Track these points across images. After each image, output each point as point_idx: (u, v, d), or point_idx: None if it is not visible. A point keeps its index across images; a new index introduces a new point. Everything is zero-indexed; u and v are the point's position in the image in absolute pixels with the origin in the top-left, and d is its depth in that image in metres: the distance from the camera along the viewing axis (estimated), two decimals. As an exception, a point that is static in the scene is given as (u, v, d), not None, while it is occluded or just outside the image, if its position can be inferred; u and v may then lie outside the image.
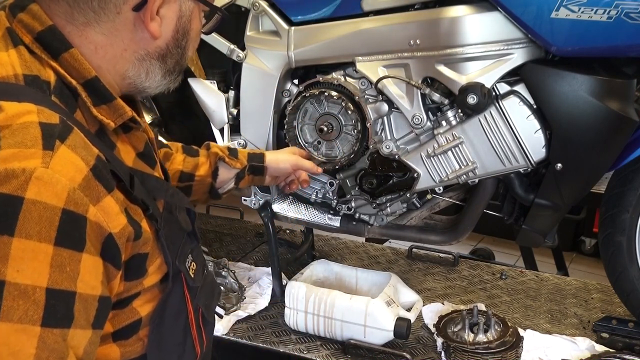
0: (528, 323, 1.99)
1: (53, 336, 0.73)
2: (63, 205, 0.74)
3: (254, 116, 1.93)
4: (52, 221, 0.73)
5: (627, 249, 1.78)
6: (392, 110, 1.79)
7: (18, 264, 0.71)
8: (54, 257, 0.74)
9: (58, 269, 0.74)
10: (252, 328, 1.93)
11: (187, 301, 1.02)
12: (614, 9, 1.47)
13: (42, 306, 0.73)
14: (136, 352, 0.95)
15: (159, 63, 0.95)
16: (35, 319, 0.72)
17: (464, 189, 1.89)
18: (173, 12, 0.92)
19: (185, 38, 0.96)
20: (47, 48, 0.85)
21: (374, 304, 1.77)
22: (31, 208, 0.72)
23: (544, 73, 1.60)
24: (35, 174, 0.73)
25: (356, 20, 1.75)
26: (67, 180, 0.75)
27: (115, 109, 0.90)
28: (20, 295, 0.71)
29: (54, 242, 0.74)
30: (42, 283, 0.73)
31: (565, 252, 3.13)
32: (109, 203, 0.81)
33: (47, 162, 0.74)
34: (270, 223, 2.05)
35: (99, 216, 0.79)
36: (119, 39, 0.89)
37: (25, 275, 0.72)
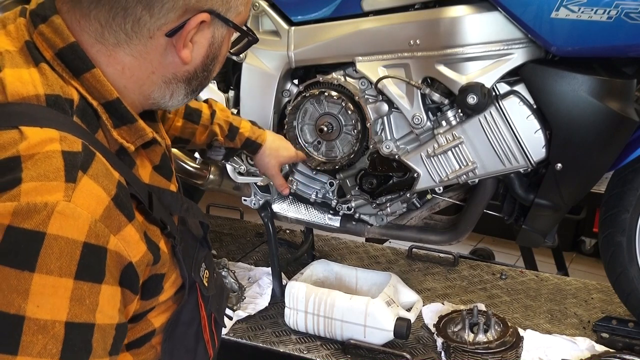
0: (528, 323, 1.99)
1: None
2: (84, 239, 0.73)
3: (254, 116, 1.93)
4: (73, 256, 0.72)
5: (627, 249, 1.78)
6: (392, 110, 1.79)
7: (38, 299, 0.70)
8: (74, 291, 0.73)
9: (78, 303, 0.73)
10: (252, 328, 1.93)
11: (200, 309, 1.02)
12: (614, 9, 1.47)
13: (61, 340, 0.72)
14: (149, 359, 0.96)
15: (184, 85, 0.94)
16: (54, 353, 0.71)
17: (464, 189, 1.89)
18: (205, 39, 0.90)
19: (214, 62, 0.95)
20: (68, 66, 0.83)
21: (374, 304, 1.77)
22: (52, 244, 0.71)
23: (544, 73, 1.60)
24: (57, 209, 0.72)
25: (356, 20, 1.75)
26: (88, 214, 0.74)
27: (135, 130, 0.89)
28: (40, 331, 0.70)
29: (75, 276, 0.73)
30: (61, 317, 0.72)
31: (565, 252, 3.13)
32: (129, 232, 0.80)
33: (70, 196, 0.73)
34: (270, 223, 2.05)
35: (119, 246, 0.78)
36: (147, 62, 0.88)
37: (44, 310, 0.71)
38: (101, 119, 0.85)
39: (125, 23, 0.83)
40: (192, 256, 1.00)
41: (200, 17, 0.86)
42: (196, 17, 0.86)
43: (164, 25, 0.85)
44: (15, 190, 0.71)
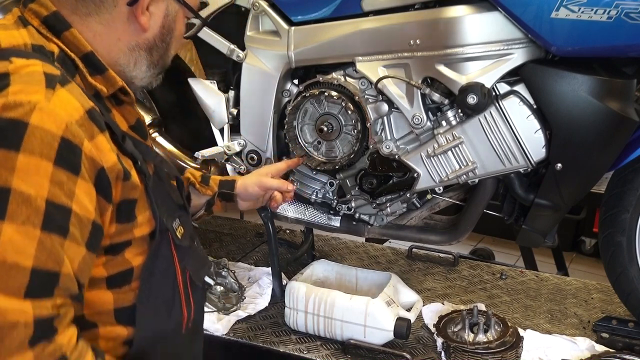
0: (528, 323, 1.99)
1: (51, 241, 0.86)
2: (62, 134, 0.88)
3: (254, 116, 1.93)
4: (52, 144, 0.87)
5: (627, 249, 1.78)
6: (392, 110, 1.79)
7: (23, 175, 0.85)
8: (53, 174, 0.87)
9: (57, 186, 0.87)
10: (252, 328, 1.93)
11: (174, 260, 1.12)
12: (614, 9, 1.47)
13: (42, 214, 0.85)
14: (128, 300, 1.06)
15: (146, 54, 1.11)
16: (36, 224, 0.85)
17: (464, 189, 1.89)
18: (160, 11, 1.09)
19: (170, 35, 1.13)
20: (51, 29, 1.01)
21: (374, 304, 1.77)
22: (34, 131, 0.86)
23: (544, 73, 1.60)
24: (39, 105, 0.88)
25: (356, 20, 1.75)
26: (66, 115, 0.90)
27: (107, 78, 1.05)
28: (24, 202, 0.84)
29: (54, 161, 0.87)
30: (43, 194, 0.86)
31: (565, 252, 3.13)
32: (101, 141, 0.95)
33: (49, 99, 0.89)
34: (270, 223, 2.05)
35: (92, 151, 0.92)
36: (114, 29, 1.05)
37: (28, 184, 0.85)
38: (79, 68, 1.02)
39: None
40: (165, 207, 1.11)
41: None
42: None
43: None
44: (4, 92, 0.88)
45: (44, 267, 0.86)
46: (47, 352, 0.85)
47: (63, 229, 0.88)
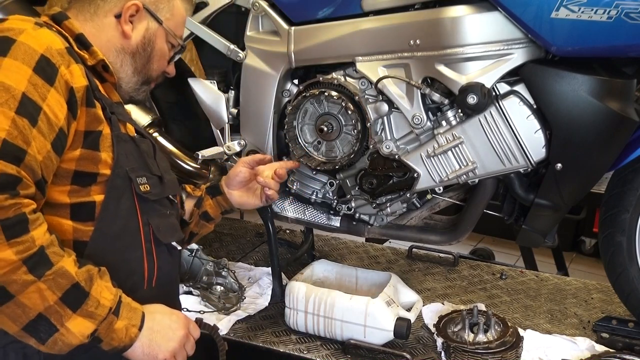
0: (528, 323, 1.99)
1: (22, 123, 1.06)
2: (42, 52, 1.12)
3: (254, 116, 1.93)
4: (33, 56, 1.11)
5: (627, 249, 1.78)
6: (392, 110, 1.79)
7: (5, 72, 1.08)
8: (31, 77, 1.09)
9: (33, 86, 1.09)
10: (252, 328, 1.93)
11: (137, 211, 1.26)
12: (614, 9, 1.47)
13: (17, 100, 1.07)
14: (87, 235, 1.19)
15: (130, 58, 1.35)
16: (12, 107, 1.06)
17: (464, 189, 1.89)
18: (142, 25, 1.35)
19: (150, 47, 1.37)
20: (55, 21, 1.28)
21: (374, 304, 1.77)
22: (20, 46, 1.11)
23: (544, 73, 1.60)
24: (26, 31, 1.14)
25: (356, 20, 1.75)
26: (48, 41, 1.15)
27: (91, 52, 1.28)
28: (4, 90, 1.07)
29: (33, 68, 1.10)
30: (20, 87, 1.08)
31: (565, 252, 3.13)
32: (75, 69, 1.17)
33: (36, 29, 1.16)
34: (270, 223, 2.05)
35: (67, 75, 1.15)
36: (104, 33, 1.33)
37: (9, 78, 1.08)
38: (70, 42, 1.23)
39: (90, 7, 1.32)
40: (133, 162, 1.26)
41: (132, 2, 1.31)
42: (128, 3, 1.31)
43: (113, 9, 1.32)
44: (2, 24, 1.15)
45: (14, 142, 1.04)
46: (8, 203, 1.02)
47: (33, 118, 1.08)
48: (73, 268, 1.09)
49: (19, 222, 1.03)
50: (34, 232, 1.05)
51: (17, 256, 1.02)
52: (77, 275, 1.09)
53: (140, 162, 1.30)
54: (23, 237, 1.03)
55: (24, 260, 1.03)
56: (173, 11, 1.39)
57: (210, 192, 1.64)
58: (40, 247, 1.05)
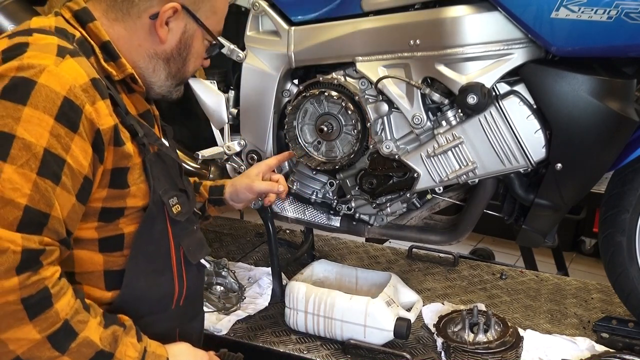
0: (528, 323, 1.99)
1: (44, 184, 0.99)
2: (65, 94, 1.01)
3: (254, 116, 1.93)
4: (55, 102, 1.00)
5: (627, 249, 1.78)
6: (392, 110, 1.79)
7: (26, 125, 0.98)
8: (53, 127, 1.00)
9: (55, 138, 1.00)
10: (252, 328, 1.93)
11: (169, 235, 1.21)
12: (614, 9, 1.47)
13: (39, 160, 0.98)
14: (118, 264, 1.15)
15: (163, 64, 1.22)
16: (33, 168, 0.98)
17: (464, 189, 1.89)
18: (179, 27, 1.21)
19: (186, 51, 1.24)
20: (78, 20, 1.16)
21: (374, 304, 1.77)
22: (41, 89, 1.00)
23: (544, 73, 1.60)
24: (47, 69, 1.02)
25: (356, 20, 1.75)
26: (71, 79, 1.03)
27: (119, 65, 1.17)
28: (25, 148, 0.98)
29: (55, 117, 1.00)
30: (42, 143, 0.99)
31: (565, 252, 3.13)
32: (101, 106, 1.06)
33: (58, 65, 1.03)
34: (270, 223, 2.05)
35: (92, 114, 1.05)
36: (136, 36, 1.19)
37: (30, 134, 0.98)
38: (95, 52, 1.14)
39: (123, 4, 1.17)
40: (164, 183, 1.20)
41: (171, 5, 1.17)
42: (168, 5, 1.16)
43: (148, 9, 1.17)
44: (21, 56, 1.03)
45: (36, 207, 0.97)
46: (31, 281, 0.96)
47: (56, 176, 1.00)
48: (97, 333, 1.05)
49: (43, 298, 0.97)
50: (57, 305, 0.99)
51: (42, 334, 0.98)
52: (102, 341, 1.05)
53: (169, 180, 1.23)
54: (47, 312, 0.98)
55: (48, 337, 0.99)
56: (215, 8, 1.24)
57: (214, 203, 1.63)
58: (65, 321, 1.00)
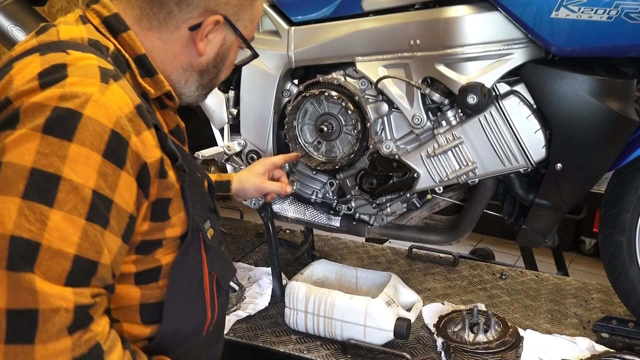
0: (528, 323, 1.99)
1: (94, 230, 0.89)
2: (112, 127, 0.91)
3: (254, 116, 1.93)
4: (102, 136, 0.90)
5: (627, 249, 1.78)
6: (392, 110, 1.79)
7: (72, 164, 0.88)
8: (101, 165, 0.90)
9: (103, 177, 0.90)
10: (252, 328, 1.93)
11: (203, 261, 1.13)
12: (614, 9, 1.47)
13: (88, 204, 0.88)
14: (154, 297, 1.06)
15: (197, 76, 1.14)
16: (82, 213, 0.88)
17: (464, 189, 1.89)
18: (218, 39, 1.12)
19: (222, 62, 1.16)
20: (109, 29, 1.05)
21: (374, 304, 1.76)
22: (87, 122, 0.89)
23: (544, 73, 1.60)
24: (93, 98, 0.90)
25: (356, 20, 1.75)
26: (117, 108, 0.92)
27: (156, 81, 1.08)
28: (72, 191, 0.87)
29: (102, 153, 0.90)
30: (90, 184, 0.89)
31: (565, 252, 3.12)
32: (147, 136, 0.97)
33: (103, 92, 0.92)
34: (270, 223, 2.05)
35: (138, 145, 0.94)
36: (171, 47, 1.09)
37: (77, 174, 0.88)
38: (130, 67, 1.05)
39: (160, 13, 1.06)
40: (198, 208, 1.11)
41: (215, 18, 1.07)
42: (211, 17, 1.07)
43: (188, 20, 1.07)
44: (62, 82, 0.91)
45: (85, 256, 0.88)
46: (83, 340, 0.87)
47: (105, 220, 0.91)
48: None
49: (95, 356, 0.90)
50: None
51: None
52: None
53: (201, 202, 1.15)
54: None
55: None
56: (253, 17, 1.16)
57: (220, 198, 1.62)
58: None
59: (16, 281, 0.83)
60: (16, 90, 0.91)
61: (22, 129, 0.88)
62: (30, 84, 0.91)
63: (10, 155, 0.87)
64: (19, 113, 0.89)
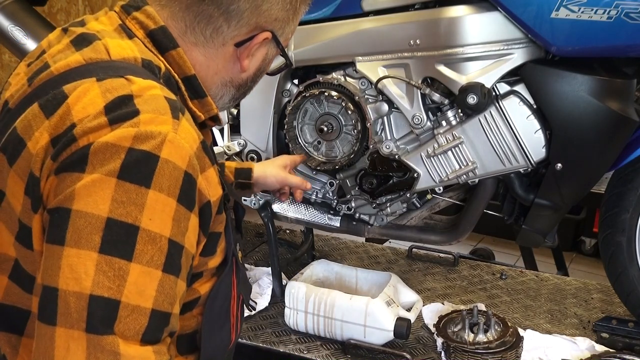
0: (528, 323, 1.99)
1: (169, 282, 0.83)
2: (185, 168, 0.85)
3: (254, 116, 1.93)
4: (178, 180, 0.84)
5: (627, 249, 1.78)
6: (392, 110, 1.79)
7: (150, 212, 0.81)
8: (175, 211, 0.84)
9: (176, 223, 0.84)
10: (252, 328, 1.93)
11: (233, 286, 1.08)
12: (614, 9, 1.47)
13: (164, 254, 0.82)
14: (190, 327, 1.02)
15: (234, 90, 1.09)
16: (158, 265, 0.82)
17: (464, 189, 1.89)
18: (261, 54, 1.07)
19: (261, 76, 1.12)
20: (156, 44, 0.98)
21: (374, 304, 1.76)
22: (164, 166, 0.82)
23: (544, 73, 1.60)
24: (169, 137, 0.83)
25: (356, 20, 1.75)
26: (189, 147, 0.86)
27: (204, 104, 1.03)
28: (150, 241, 0.81)
29: (177, 198, 0.84)
30: (166, 233, 0.83)
31: (565, 252, 3.12)
32: (212, 173, 0.92)
33: (176, 130, 0.85)
34: (270, 223, 2.05)
35: (203, 184, 0.89)
36: (215, 64, 1.03)
37: (155, 224, 0.81)
38: (180, 90, 0.99)
39: (207, 29, 0.99)
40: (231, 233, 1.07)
41: (264, 35, 1.02)
42: (262, 35, 1.02)
43: (236, 37, 1.01)
44: (135, 120, 0.82)
45: (161, 309, 0.83)
46: None
47: (178, 268, 0.85)
48: None
49: None
50: None
51: None
52: None
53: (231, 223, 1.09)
54: None
55: None
56: (294, 29, 1.11)
57: (241, 186, 1.61)
58: None
59: (97, 344, 0.78)
60: (82, 126, 0.83)
61: (94, 174, 0.80)
62: (97, 119, 0.83)
63: (83, 203, 0.80)
64: (88, 154, 0.81)
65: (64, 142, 0.83)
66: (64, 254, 0.79)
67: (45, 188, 0.84)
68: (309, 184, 1.73)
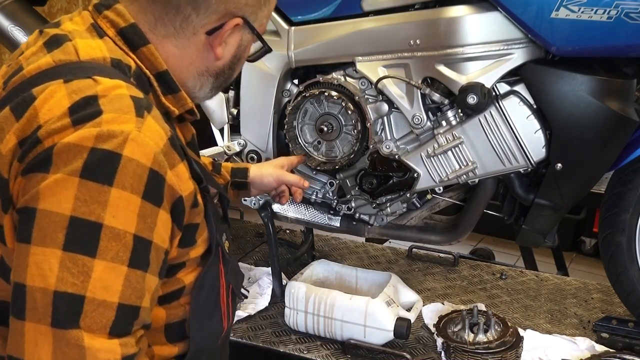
0: (528, 323, 1.99)
1: (136, 277, 0.86)
2: (150, 165, 0.86)
3: (254, 116, 1.93)
4: (142, 177, 0.85)
5: (627, 249, 1.78)
6: (392, 110, 1.79)
7: (114, 210, 0.83)
8: (140, 208, 0.85)
9: (142, 219, 0.86)
10: (252, 328, 1.93)
11: (220, 275, 1.09)
12: (614, 9, 1.47)
13: (130, 250, 0.85)
14: (177, 315, 1.04)
15: (213, 79, 1.10)
16: (124, 260, 0.84)
17: (464, 189, 1.89)
18: (235, 41, 1.07)
19: (238, 63, 1.12)
20: (127, 42, 0.99)
21: (374, 304, 1.77)
22: (127, 164, 0.84)
23: (544, 73, 1.60)
24: (131, 136, 0.85)
25: (356, 20, 1.75)
26: (154, 144, 0.87)
27: (178, 99, 1.04)
28: (114, 238, 0.83)
29: (142, 195, 0.85)
30: (131, 229, 0.85)
31: (565, 252, 3.12)
32: (181, 169, 0.93)
33: (140, 128, 0.86)
34: (270, 223, 2.05)
35: (173, 180, 0.90)
36: (188, 54, 1.04)
37: (119, 220, 0.84)
38: (153, 86, 1.00)
39: (176, 20, 1.00)
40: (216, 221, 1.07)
41: (235, 21, 1.02)
42: (232, 21, 1.02)
43: (206, 25, 1.01)
44: (98, 120, 0.85)
45: (128, 302, 0.85)
46: None
47: (146, 262, 0.87)
48: None
49: None
50: None
51: None
52: None
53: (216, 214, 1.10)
54: None
55: None
56: (269, 13, 1.11)
57: (237, 186, 1.61)
58: None
59: (62, 338, 0.80)
60: (46, 128, 0.85)
61: (57, 174, 0.82)
62: (61, 121, 0.85)
63: (47, 202, 0.82)
64: (51, 155, 0.83)
65: (29, 143, 0.85)
66: (31, 251, 0.82)
67: (14, 189, 0.87)
68: (307, 182, 1.72)
